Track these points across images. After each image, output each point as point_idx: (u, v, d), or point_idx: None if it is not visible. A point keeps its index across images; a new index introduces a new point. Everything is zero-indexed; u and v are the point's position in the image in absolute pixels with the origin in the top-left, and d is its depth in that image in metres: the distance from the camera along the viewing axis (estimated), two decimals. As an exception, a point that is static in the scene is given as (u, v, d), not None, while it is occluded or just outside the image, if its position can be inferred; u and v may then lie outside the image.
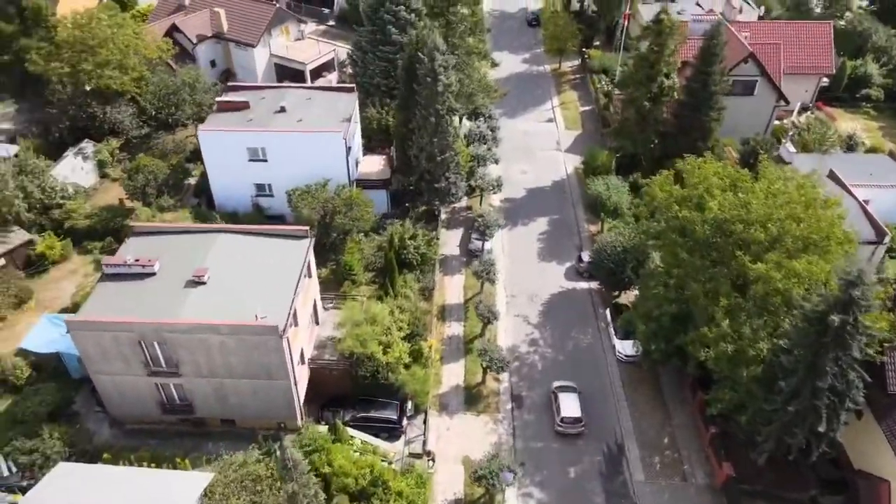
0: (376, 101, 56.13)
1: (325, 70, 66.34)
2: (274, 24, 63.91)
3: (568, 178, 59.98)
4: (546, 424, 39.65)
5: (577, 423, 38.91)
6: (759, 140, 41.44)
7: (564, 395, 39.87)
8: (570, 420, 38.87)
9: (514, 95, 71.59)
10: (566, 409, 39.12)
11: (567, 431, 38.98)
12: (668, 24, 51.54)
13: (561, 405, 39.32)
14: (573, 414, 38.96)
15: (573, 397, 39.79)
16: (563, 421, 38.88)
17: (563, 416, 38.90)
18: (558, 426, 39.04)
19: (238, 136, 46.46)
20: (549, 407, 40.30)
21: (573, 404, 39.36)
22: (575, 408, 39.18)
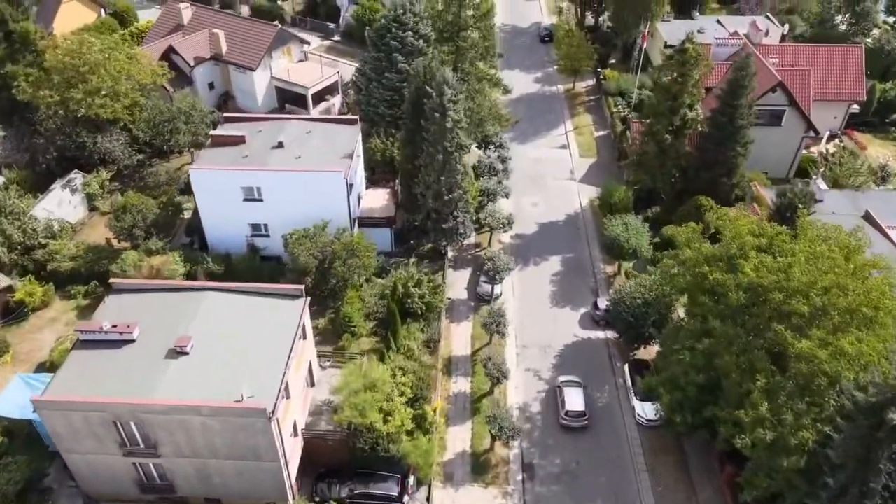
0: (381, 132, 52.81)
1: (328, 93, 63.00)
2: (275, 47, 60.63)
3: (582, 211, 56.41)
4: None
5: (582, 416, 39.25)
6: (798, 192, 37.68)
7: (569, 389, 40.30)
8: (575, 414, 39.25)
9: (525, 119, 68.12)
10: (571, 402, 39.50)
11: (571, 425, 39.32)
12: (692, 54, 47.90)
13: (566, 399, 39.71)
14: (577, 408, 39.32)
15: (578, 391, 40.19)
16: (568, 414, 39.30)
17: (568, 409, 39.29)
18: (563, 419, 39.44)
19: (232, 174, 43.20)
20: (555, 411, 40.32)
21: (577, 398, 39.75)
22: (579, 402, 39.59)
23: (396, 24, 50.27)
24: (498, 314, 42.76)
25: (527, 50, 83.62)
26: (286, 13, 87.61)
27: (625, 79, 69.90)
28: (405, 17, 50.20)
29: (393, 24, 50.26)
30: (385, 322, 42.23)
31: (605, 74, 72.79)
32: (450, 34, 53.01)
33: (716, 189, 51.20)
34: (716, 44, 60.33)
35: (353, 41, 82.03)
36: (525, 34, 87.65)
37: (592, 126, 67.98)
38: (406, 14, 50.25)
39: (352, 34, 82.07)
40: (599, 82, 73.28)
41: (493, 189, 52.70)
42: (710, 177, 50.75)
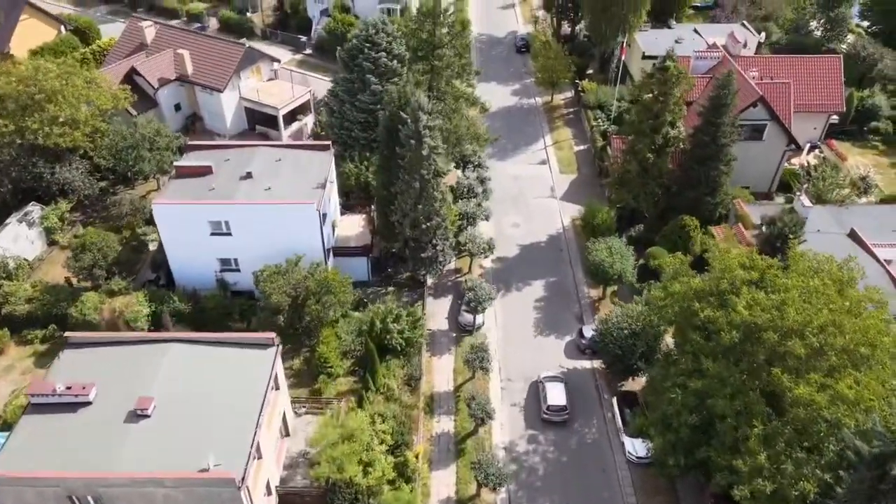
0: (355, 155, 50.77)
1: (300, 113, 60.75)
2: (244, 66, 58.19)
3: (564, 231, 54.82)
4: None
5: (563, 410, 40.00)
6: (787, 220, 36.33)
7: (551, 384, 40.96)
8: (556, 408, 39.93)
9: (503, 133, 66.37)
10: (552, 397, 40.17)
11: (552, 419, 40.07)
12: (674, 72, 46.53)
13: (548, 394, 40.34)
14: (559, 402, 39.99)
15: (559, 387, 40.82)
16: (549, 409, 39.97)
17: (550, 403, 39.93)
18: (544, 413, 40.15)
19: (198, 209, 40.87)
20: (536, 400, 41.24)
21: (559, 393, 40.40)
22: (560, 396, 40.27)
23: (369, 44, 48.25)
24: (480, 349, 40.98)
25: (503, 61, 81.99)
26: (256, 26, 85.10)
27: (603, 91, 68.51)
28: (378, 37, 48.21)
29: (365, 44, 48.23)
30: (363, 360, 40.27)
31: (583, 86, 71.35)
32: (424, 52, 51.12)
33: (699, 207, 49.99)
34: (695, 57, 59.10)
35: (325, 55, 79.71)
36: (501, 44, 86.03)
37: (572, 140, 66.50)
38: (379, 34, 48.25)
39: (324, 47, 79.79)
40: (578, 94, 71.85)
41: (472, 212, 50.89)
42: (694, 196, 49.47)
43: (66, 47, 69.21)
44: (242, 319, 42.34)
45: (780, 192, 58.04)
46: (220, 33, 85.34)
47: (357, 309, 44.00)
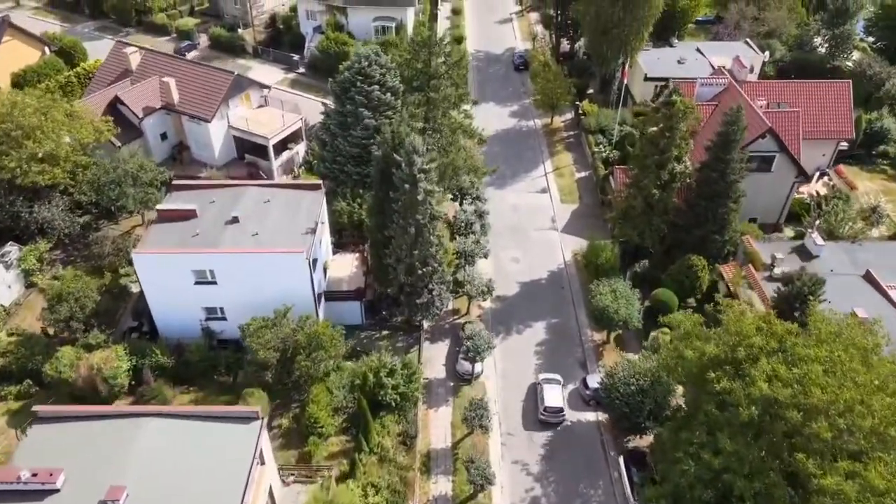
0: (347, 192, 48.45)
1: (291, 141, 58.36)
2: (232, 95, 55.78)
3: (566, 267, 52.57)
4: None
5: (559, 412, 40.63)
6: (808, 279, 34.06)
7: (548, 385, 41.55)
8: (553, 409, 40.54)
9: (502, 159, 64.17)
10: (549, 399, 40.74)
11: (549, 420, 40.68)
12: (680, 108, 44.31)
13: (545, 395, 40.89)
14: (556, 404, 40.65)
15: (556, 388, 41.53)
16: (546, 410, 40.54)
17: (547, 405, 40.54)
18: (541, 415, 40.73)
19: (180, 258, 38.56)
20: (533, 398, 42.06)
21: (556, 395, 41.10)
22: (557, 398, 40.96)
23: (361, 77, 45.92)
24: (479, 406, 38.67)
25: (501, 80, 79.71)
26: (247, 43, 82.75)
27: (605, 114, 66.26)
28: (371, 69, 45.88)
29: (357, 77, 45.90)
30: (356, 417, 37.99)
31: (583, 108, 69.11)
32: (420, 83, 48.83)
33: (707, 245, 47.83)
34: (700, 84, 56.83)
35: (318, 74, 77.37)
36: (499, 62, 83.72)
37: (573, 166, 64.25)
38: (372, 66, 45.92)
39: (317, 66, 77.51)
40: (578, 116, 69.59)
41: (470, 251, 48.59)
42: (701, 233, 47.29)
43: (49, 70, 66.84)
44: (229, 373, 40.06)
45: (789, 223, 55.97)
46: (210, 51, 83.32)
47: (350, 358, 41.74)
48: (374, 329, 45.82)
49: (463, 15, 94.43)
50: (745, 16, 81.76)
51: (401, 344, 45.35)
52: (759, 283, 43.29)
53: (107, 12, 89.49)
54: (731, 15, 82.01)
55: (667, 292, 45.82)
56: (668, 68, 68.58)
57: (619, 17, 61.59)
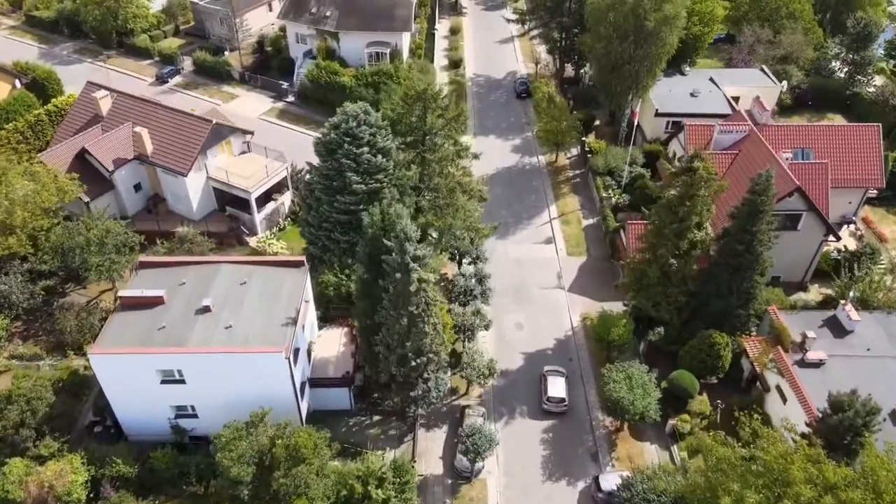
0: (335, 262, 43.92)
1: (276, 192, 53.78)
2: (211, 144, 51.10)
3: (574, 334, 48.16)
4: None
5: (562, 402, 42.04)
6: (861, 408, 29.43)
7: (552, 377, 42.99)
8: (556, 399, 41.99)
9: (503, 202, 59.73)
10: (553, 390, 42.25)
11: (552, 410, 42.08)
12: (703, 175, 39.76)
13: (548, 386, 42.42)
14: (559, 394, 42.10)
15: (560, 379, 42.96)
16: (549, 400, 42.02)
17: (550, 395, 42.02)
18: (545, 405, 42.19)
19: (144, 358, 34.12)
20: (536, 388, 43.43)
21: (560, 386, 42.50)
22: (561, 389, 42.40)
23: (349, 138, 41.27)
24: (480, 523, 34.53)
25: (502, 108, 74.94)
26: (233, 69, 77.90)
27: (613, 153, 61.55)
28: (359, 129, 41.20)
29: (344, 138, 41.24)
30: (342, 534, 33.76)
31: (590, 145, 64.46)
32: (414, 140, 44.25)
33: (730, 318, 43.44)
34: (718, 130, 52.18)
35: (308, 104, 72.79)
36: (500, 88, 78.89)
37: (580, 211, 59.65)
38: (360, 126, 41.25)
39: (307, 95, 72.81)
40: (585, 154, 64.92)
41: (469, 323, 44.18)
42: (723, 305, 42.87)
43: (20, 106, 62.03)
44: (200, 482, 35.68)
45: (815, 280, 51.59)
46: (195, 76, 78.55)
47: (337, 455, 37.40)
48: (364, 414, 41.55)
49: (461, 34, 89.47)
50: (760, 39, 76.94)
51: (393, 431, 41.10)
52: (790, 370, 38.91)
53: (87, 33, 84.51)
54: (744, 38, 77.14)
55: (686, 376, 41.49)
56: (681, 102, 63.97)
57: (630, 54, 56.84)
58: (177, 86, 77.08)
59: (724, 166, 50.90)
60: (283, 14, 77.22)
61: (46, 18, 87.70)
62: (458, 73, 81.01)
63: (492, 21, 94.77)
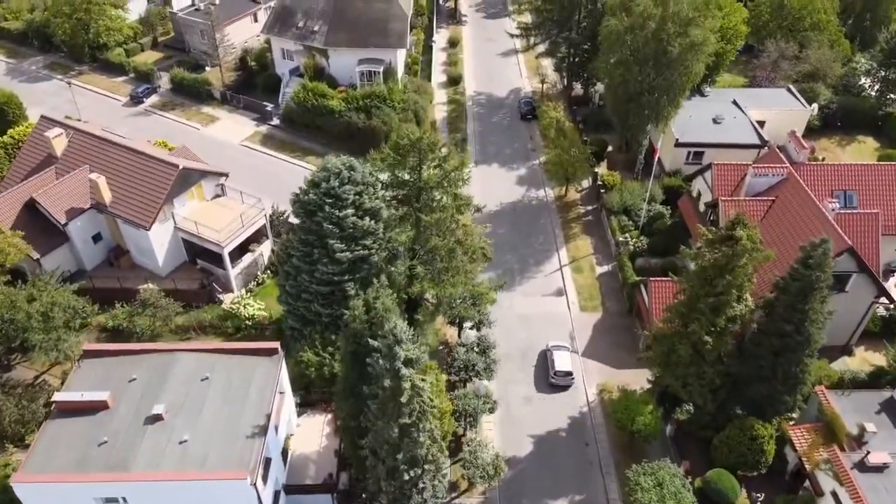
0: (316, 337, 37.68)
1: (254, 241, 47.48)
2: (178, 192, 44.73)
3: (590, 410, 42.11)
4: None
5: (568, 375, 42.46)
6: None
7: (558, 351, 43.27)
8: (563, 373, 42.38)
9: (508, 246, 53.51)
10: (559, 363, 42.55)
11: (559, 383, 42.55)
12: (747, 245, 33.51)
13: (555, 360, 42.71)
14: (565, 368, 42.44)
15: (566, 353, 43.33)
16: (556, 374, 42.38)
17: (557, 369, 42.35)
18: (552, 378, 42.56)
19: (79, 487, 27.98)
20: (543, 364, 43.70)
21: (566, 360, 42.85)
22: (567, 362, 42.74)
23: (331, 199, 34.91)
24: None
25: (505, 131, 68.44)
26: (214, 88, 71.30)
27: (629, 189, 55.13)
28: (342, 189, 34.84)
29: (325, 199, 34.88)
30: None
31: (603, 178, 58.07)
32: (407, 195, 37.93)
33: (773, 403, 37.36)
34: (752, 174, 45.80)
35: (295, 128, 66.31)
36: (503, 107, 72.32)
37: (593, 256, 53.34)
38: (344, 185, 34.89)
39: (293, 119, 66.29)
40: (597, 187, 58.55)
41: (472, 408, 38.09)
42: (767, 389, 36.74)
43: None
44: None
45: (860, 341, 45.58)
46: (173, 95, 71.96)
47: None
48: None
49: (461, 46, 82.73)
50: (784, 54, 70.46)
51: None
52: (850, 478, 32.80)
53: (59, 46, 77.70)
54: (768, 53, 70.59)
55: (725, 477, 35.50)
56: (703, 130, 57.55)
57: (649, 83, 50.37)
58: (153, 106, 70.55)
59: (757, 213, 44.69)
60: (268, 28, 70.54)
61: (15, 31, 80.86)
62: (458, 90, 74.43)
63: (493, 30, 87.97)
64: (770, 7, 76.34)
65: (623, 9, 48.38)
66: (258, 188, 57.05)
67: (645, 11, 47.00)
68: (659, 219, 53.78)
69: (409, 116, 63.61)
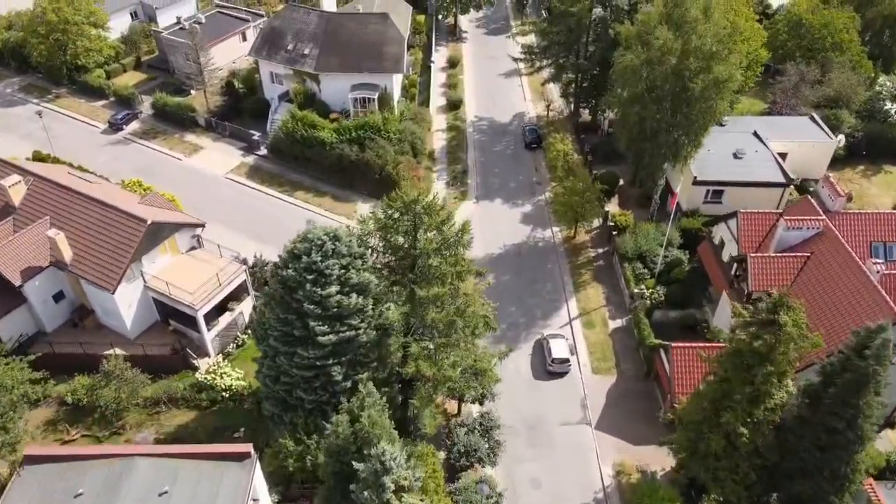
0: (298, 426, 33.02)
1: (233, 299, 42.81)
2: (148, 248, 40.04)
3: (607, 497, 37.46)
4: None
5: (565, 363, 42.98)
6: None
7: (554, 340, 43.89)
8: (560, 360, 42.84)
9: (513, 296, 48.94)
10: (556, 351, 43.03)
11: (556, 370, 42.86)
12: (791, 333, 28.84)
13: (552, 348, 43.18)
14: (562, 355, 42.92)
15: (562, 342, 43.81)
16: (554, 361, 42.73)
17: (554, 357, 42.77)
18: (549, 366, 42.86)
19: None
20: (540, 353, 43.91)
21: (562, 348, 43.34)
22: (563, 350, 43.24)
23: (312, 275, 30.24)
24: None
25: (509, 162, 63.74)
26: (198, 114, 66.59)
27: (644, 233, 50.38)
28: (326, 264, 30.15)
29: (306, 276, 30.20)
30: None
31: (615, 218, 53.31)
32: (401, 268, 33.25)
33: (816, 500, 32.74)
34: (784, 227, 41.10)
35: (283, 159, 61.64)
36: (506, 134, 67.59)
37: (605, 309, 48.63)
38: (328, 260, 30.20)
39: (281, 150, 61.58)
40: (609, 228, 53.83)
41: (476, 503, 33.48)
42: (811, 489, 32.12)
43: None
44: None
45: (900, 414, 40.92)
46: (154, 121, 67.30)
47: None
48: None
49: (461, 66, 77.97)
50: (805, 78, 65.84)
51: None
52: None
53: (36, 66, 72.93)
54: (788, 77, 65.95)
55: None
56: (723, 166, 52.89)
57: (669, 122, 45.72)
58: (133, 133, 65.88)
59: (789, 271, 40.13)
60: (255, 50, 65.85)
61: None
62: (458, 115, 69.74)
63: (495, 48, 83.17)
64: (787, 26, 71.81)
65: (640, 41, 43.61)
66: (243, 227, 52.92)
67: (665, 45, 42.24)
68: (677, 265, 49.16)
69: (406, 148, 59.01)
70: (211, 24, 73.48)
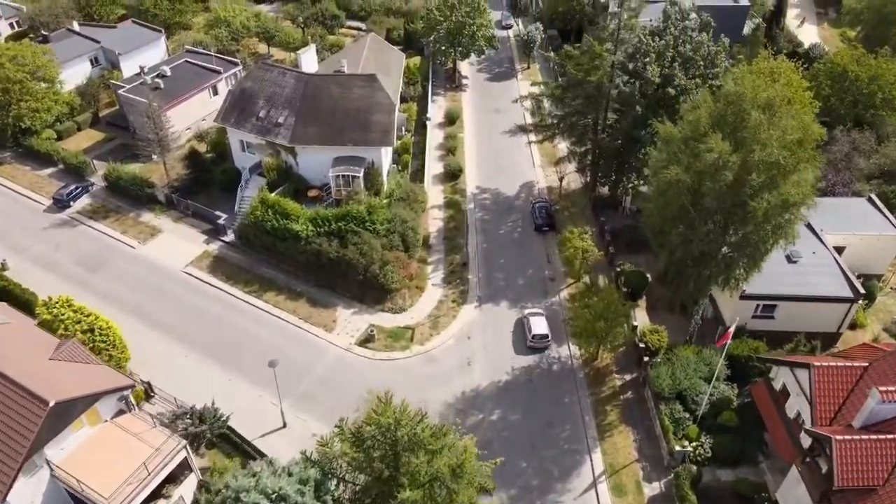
0: None
1: (170, 482, 33.26)
2: (54, 433, 30.47)
3: None
4: None
5: (545, 338, 44.26)
6: None
7: (534, 317, 45.01)
8: (540, 336, 44.11)
9: (523, 446, 39.69)
10: (536, 327, 44.30)
11: (537, 346, 44.26)
12: None
13: (532, 325, 44.33)
14: (542, 331, 44.22)
15: (541, 318, 45.07)
16: (534, 338, 44.03)
17: (534, 333, 44.03)
18: (530, 342, 44.22)
19: None
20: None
21: (542, 324, 44.61)
22: (543, 326, 44.51)
23: None
24: None
25: (516, 249, 54.16)
26: (158, 189, 57.11)
27: (682, 361, 40.93)
28: None
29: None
30: None
31: (646, 337, 43.74)
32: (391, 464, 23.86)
33: None
34: (875, 401, 31.48)
35: (253, 248, 52.23)
36: (512, 211, 58.01)
37: (638, 465, 39.20)
38: None
39: (249, 238, 52.13)
40: (638, 349, 44.33)
41: None
42: None
43: None
44: None
45: None
46: (108, 195, 57.87)
47: None
48: None
49: (461, 122, 68.45)
50: (859, 147, 56.57)
51: None
52: None
53: (-21, 126, 63.39)
54: (839, 146, 56.60)
55: None
56: (775, 274, 43.26)
57: (719, 241, 36.28)
58: (82, 212, 56.48)
59: (887, 459, 30.67)
60: (223, 117, 56.31)
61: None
62: (457, 187, 60.28)
63: (499, 97, 73.62)
64: (830, 78, 62.44)
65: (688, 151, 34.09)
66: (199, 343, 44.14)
67: (720, 159, 32.76)
68: (725, 406, 39.87)
69: (396, 241, 49.59)
70: (177, 76, 64.00)
